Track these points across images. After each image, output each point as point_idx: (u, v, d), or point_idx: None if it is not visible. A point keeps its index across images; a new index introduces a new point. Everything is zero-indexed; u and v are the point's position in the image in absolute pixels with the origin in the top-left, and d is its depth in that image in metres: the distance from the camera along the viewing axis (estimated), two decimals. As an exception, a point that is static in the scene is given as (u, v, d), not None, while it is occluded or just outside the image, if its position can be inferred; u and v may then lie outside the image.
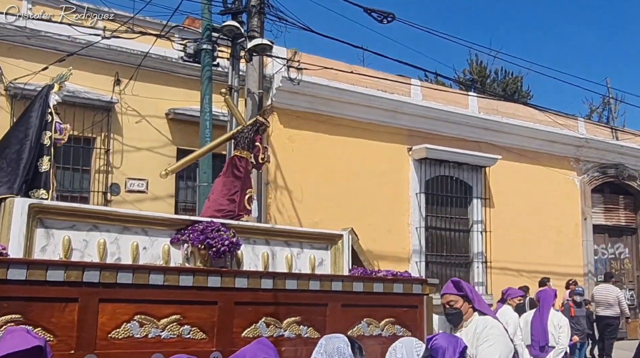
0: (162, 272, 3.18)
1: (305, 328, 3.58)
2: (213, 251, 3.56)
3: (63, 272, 2.88)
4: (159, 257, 3.55)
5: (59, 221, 3.28)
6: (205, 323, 3.26)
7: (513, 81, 24.56)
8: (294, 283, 3.57)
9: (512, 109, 14.01)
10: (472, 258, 12.84)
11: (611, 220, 15.88)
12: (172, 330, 3.15)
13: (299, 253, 4.08)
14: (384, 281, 3.96)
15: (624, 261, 16.04)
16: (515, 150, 13.68)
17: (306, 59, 10.74)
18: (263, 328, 3.43)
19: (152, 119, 10.07)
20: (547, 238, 13.76)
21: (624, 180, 15.71)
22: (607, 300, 12.02)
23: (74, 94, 9.34)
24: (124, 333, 3.04)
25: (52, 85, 4.01)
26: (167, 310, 3.15)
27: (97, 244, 3.36)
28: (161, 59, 10.00)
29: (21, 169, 3.52)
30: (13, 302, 2.75)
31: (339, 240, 4.27)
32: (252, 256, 3.89)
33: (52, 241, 3.24)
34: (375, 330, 3.84)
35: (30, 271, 2.79)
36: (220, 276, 3.33)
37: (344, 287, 3.76)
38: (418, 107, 12.36)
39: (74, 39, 9.27)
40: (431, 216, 12.51)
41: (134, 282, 3.08)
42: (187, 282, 3.21)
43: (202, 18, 8.87)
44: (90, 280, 2.95)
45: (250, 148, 4.68)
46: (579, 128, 15.02)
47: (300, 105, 11.14)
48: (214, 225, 3.65)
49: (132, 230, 3.51)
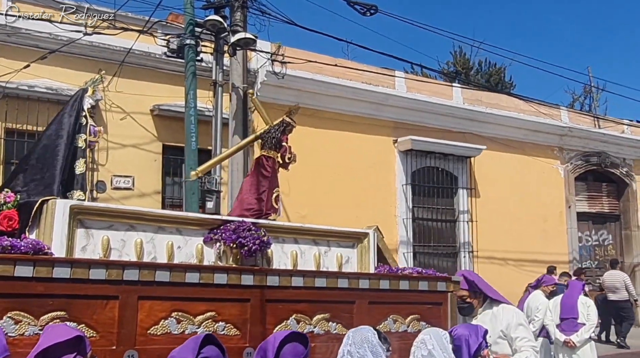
0: (197, 270, 3.28)
1: (334, 324, 3.67)
2: (245, 250, 3.64)
3: (104, 271, 2.98)
4: (193, 256, 3.65)
5: (98, 222, 3.38)
6: (238, 320, 3.36)
7: (496, 71, 24.69)
8: (323, 280, 3.67)
9: (496, 100, 14.10)
10: (459, 248, 12.94)
11: (595, 207, 16.06)
12: (208, 326, 3.25)
13: (326, 251, 4.15)
14: (410, 279, 4.04)
15: (608, 248, 16.25)
16: (500, 140, 13.78)
17: (290, 53, 10.73)
18: (294, 324, 3.52)
19: (136, 116, 10.02)
20: (532, 226, 13.89)
21: (606, 168, 15.89)
22: (614, 285, 12.42)
23: (57, 91, 9.28)
24: (162, 330, 3.14)
25: (86, 89, 4.05)
26: (203, 307, 3.26)
27: (134, 243, 3.47)
28: (144, 55, 9.94)
29: (58, 170, 3.59)
30: (58, 299, 2.85)
31: (365, 238, 4.34)
32: (281, 255, 3.97)
33: (92, 241, 3.34)
34: (401, 327, 3.93)
35: (74, 269, 2.89)
36: (253, 275, 3.43)
37: (371, 285, 3.84)
38: (403, 99, 12.41)
39: (55, 36, 9.18)
40: (418, 207, 12.58)
41: (171, 280, 3.18)
42: (221, 280, 3.31)
43: (185, 13, 8.83)
44: (129, 278, 3.05)
45: (278, 147, 4.77)
46: (561, 117, 15.16)
47: (286, 99, 11.10)
48: (245, 224, 3.73)
49: (167, 229, 3.61)
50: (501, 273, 12.62)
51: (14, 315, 2.75)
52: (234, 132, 8.84)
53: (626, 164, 16.35)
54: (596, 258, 15.94)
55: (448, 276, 4.28)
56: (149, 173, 9.90)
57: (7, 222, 3.28)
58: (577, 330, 7.50)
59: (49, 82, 9.31)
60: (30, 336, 2.74)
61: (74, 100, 3.99)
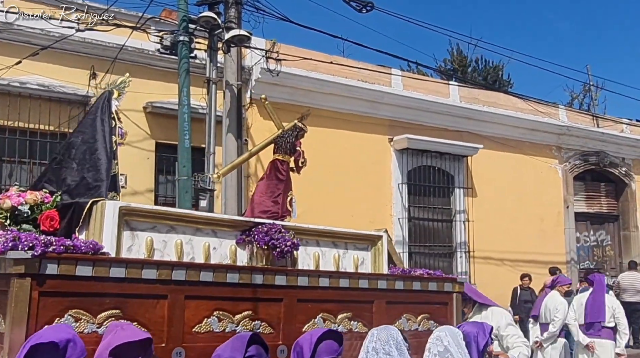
0: (236, 271, 3.46)
1: (355, 323, 3.86)
2: (277, 252, 3.80)
3: (155, 271, 3.12)
4: (227, 257, 3.82)
5: (142, 223, 3.52)
6: (273, 319, 3.54)
7: (494, 69, 24.60)
8: (346, 281, 3.86)
9: (493, 98, 14.01)
10: (455, 248, 12.86)
11: (593, 207, 15.97)
12: (246, 325, 3.40)
13: (344, 253, 4.36)
14: (421, 280, 4.30)
15: (606, 249, 16.16)
16: (497, 139, 13.69)
17: (285, 50, 10.62)
18: (320, 323, 3.70)
19: (129, 113, 9.87)
20: (529, 226, 13.81)
21: (605, 167, 15.79)
22: (634, 287, 12.45)
23: (49, 88, 9.20)
24: (206, 328, 3.28)
25: (111, 91, 4.15)
26: (241, 307, 3.43)
27: (174, 244, 3.62)
28: (138, 51, 9.86)
29: (104, 173, 3.69)
30: (113, 298, 2.99)
31: (378, 241, 4.56)
32: (305, 256, 4.17)
33: (137, 242, 3.48)
34: (413, 325, 4.13)
35: (128, 269, 3.03)
36: (286, 275, 3.62)
37: (388, 285, 4.08)
38: (399, 97, 12.32)
39: (47, 32, 9.10)
40: (414, 207, 12.50)
41: (214, 280, 3.33)
42: (258, 280, 3.49)
43: (179, 9, 8.73)
44: (177, 278, 3.19)
45: (291, 152, 5.01)
46: (560, 116, 15.07)
47: (280, 96, 11.03)
48: (276, 226, 3.91)
49: (203, 231, 3.77)
50: (498, 274, 12.56)
51: (74, 313, 2.87)
52: (228, 130, 8.76)
53: (625, 163, 16.26)
54: (594, 258, 15.85)
55: (454, 278, 4.55)
56: (142, 170, 9.80)
57: (49, 222, 3.37)
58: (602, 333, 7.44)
59: (41, 78, 9.23)
60: (89, 333, 2.85)
61: (102, 103, 4.08)
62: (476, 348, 3.64)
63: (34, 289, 2.76)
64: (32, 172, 9.43)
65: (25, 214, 3.42)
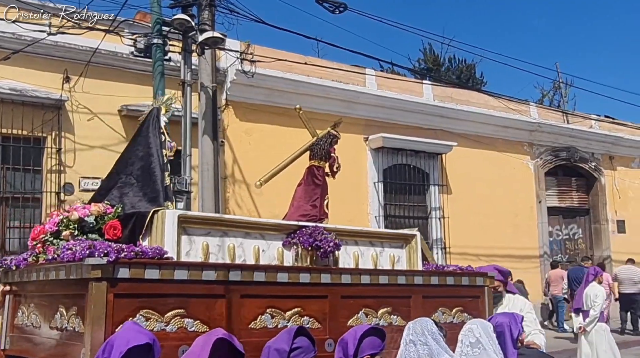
0: (286, 271, 3.72)
1: (394, 317, 4.06)
2: (321, 252, 4.06)
3: (214, 272, 3.35)
4: (274, 258, 4.06)
5: (198, 229, 3.77)
6: (319, 315, 3.75)
7: (467, 68, 24.87)
8: (385, 278, 4.09)
9: (466, 96, 14.20)
10: (432, 244, 13.00)
11: (565, 202, 16.29)
12: (295, 320, 3.62)
13: (381, 251, 4.61)
14: (454, 275, 4.54)
15: (578, 242, 16.49)
16: (470, 136, 13.89)
17: (260, 52, 10.66)
18: (363, 317, 3.91)
19: (104, 116, 9.87)
20: (503, 221, 14.04)
21: (575, 162, 16.12)
22: (632, 279, 13.30)
23: (22, 92, 9.12)
24: (260, 324, 3.51)
25: (159, 108, 4.48)
26: (291, 304, 3.65)
27: (227, 248, 3.87)
28: (111, 54, 9.81)
29: (159, 185, 3.96)
30: (178, 298, 3.22)
31: (412, 240, 4.77)
32: (345, 256, 4.41)
33: (194, 247, 3.72)
34: (448, 318, 4.37)
35: (190, 272, 3.26)
36: (330, 274, 3.85)
37: (424, 281, 4.31)
38: (373, 97, 12.43)
39: (19, 36, 9.02)
40: (390, 205, 12.62)
41: (266, 280, 3.56)
42: (305, 279, 3.72)
43: (152, 12, 8.71)
44: (234, 278, 3.43)
45: (326, 158, 5.31)
46: (531, 113, 15.34)
47: (256, 98, 11.09)
48: (319, 228, 4.16)
49: (252, 235, 4.02)
50: (473, 269, 12.72)
51: (144, 313, 3.10)
52: (204, 132, 8.76)
53: (595, 158, 16.60)
54: (567, 252, 16.16)
55: (485, 272, 4.77)
56: (118, 174, 9.74)
57: (113, 231, 3.63)
58: None
59: (14, 83, 9.15)
60: (158, 331, 3.07)
61: (152, 119, 4.38)
62: (510, 337, 3.86)
63: (109, 292, 3.00)
64: (5, 178, 9.34)
65: (91, 225, 3.66)
